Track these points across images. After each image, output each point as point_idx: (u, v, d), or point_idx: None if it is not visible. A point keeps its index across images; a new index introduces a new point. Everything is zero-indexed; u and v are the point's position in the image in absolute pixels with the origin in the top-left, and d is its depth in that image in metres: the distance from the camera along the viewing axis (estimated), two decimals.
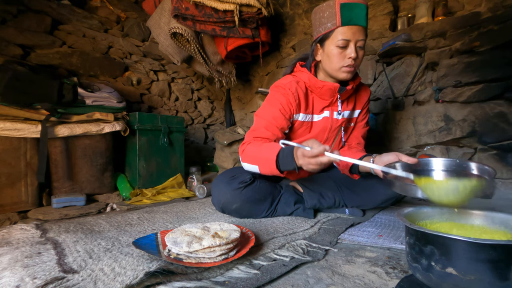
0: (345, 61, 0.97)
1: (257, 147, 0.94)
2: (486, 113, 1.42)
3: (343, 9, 0.92)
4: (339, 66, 0.98)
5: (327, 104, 1.09)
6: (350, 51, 0.95)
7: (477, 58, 1.42)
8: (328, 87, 1.03)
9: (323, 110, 1.10)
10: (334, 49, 0.97)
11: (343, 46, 0.95)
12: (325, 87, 1.03)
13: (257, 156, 0.93)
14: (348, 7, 0.92)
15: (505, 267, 0.42)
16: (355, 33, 0.94)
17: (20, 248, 0.69)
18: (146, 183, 1.64)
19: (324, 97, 1.07)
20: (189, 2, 1.67)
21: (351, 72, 0.99)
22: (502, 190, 1.43)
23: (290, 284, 0.57)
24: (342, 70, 0.99)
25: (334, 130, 1.12)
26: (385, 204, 1.11)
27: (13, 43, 1.51)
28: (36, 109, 1.26)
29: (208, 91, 2.63)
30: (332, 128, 1.12)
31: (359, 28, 0.94)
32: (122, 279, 0.53)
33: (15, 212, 1.20)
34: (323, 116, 1.10)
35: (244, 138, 1.04)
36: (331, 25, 0.95)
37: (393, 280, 0.59)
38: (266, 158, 0.89)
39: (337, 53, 0.97)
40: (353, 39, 0.94)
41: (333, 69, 1.00)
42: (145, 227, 0.95)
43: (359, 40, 0.95)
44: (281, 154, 0.86)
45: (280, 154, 0.86)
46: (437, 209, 0.68)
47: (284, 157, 0.85)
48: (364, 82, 1.90)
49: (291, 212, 1.09)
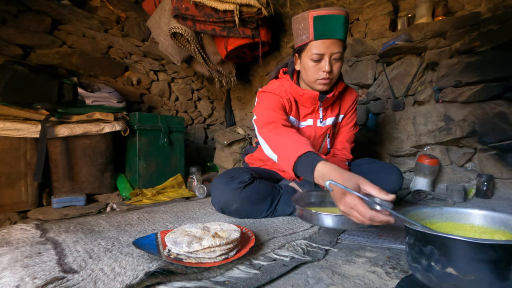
0: (319, 74, 0.97)
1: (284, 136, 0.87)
2: (486, 113, 1.42)
3: (316, 23, 0.91)
4: (315, 79, 0.99)
5: (310, 112, 1.09)
6: (324, 64, 0.95)
7: (477, 58, 1.43)
8: (308, 95, 1.03)
9: (306, 117, 1.10)
10: (309, 62, 0.97)
11: (317, 59, 0.95)
12: (305, 95, 1.03)
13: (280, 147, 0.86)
14: (321, 20, 0.90)
15: (505, 267, 0.42)
16: (328, 47, 0.93)
17: (20, 248, 0.69)
18: (146, 183, 1.64)
19: (306, 105, 1.07)
20: (189, 2, 1.67)
21: (327, 84, 0.99)
22: (502, 190, 1.43)
23: (290, 284, 0.57)
24: (317, 83, 0.99)
25: (319, 138, 1.12)
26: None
27: (13, 43, 1.51)
28: (36, 109, 1.26)
29: (208, 91, 2.64)
30: (317, 136, 1.12)
31: (333, 41, 0.93)
32: (122, 279, 0.53)
33: (15, 212, 1.20)
34: (306, 124, 1.10)
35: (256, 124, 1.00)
36: (305, 38, 0.95)
37: (393, 280, 0.59)
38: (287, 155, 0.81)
39: (311, 66, 0.97)
40: (327, 53, 0.94)
41: (309, 81, 1.01)
42: (145, 227, 0.95)
43: (333, 53, 0.94)
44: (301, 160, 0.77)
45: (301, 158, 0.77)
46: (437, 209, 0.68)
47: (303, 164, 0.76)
48: (365, 82, 1.90)
49: (291, 212, 1.09)
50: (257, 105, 1.07)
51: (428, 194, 1.39)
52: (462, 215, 0.66)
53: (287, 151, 0.81)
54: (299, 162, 0.78)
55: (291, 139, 0.84)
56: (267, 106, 1.01)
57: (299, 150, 0.78)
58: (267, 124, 0.95)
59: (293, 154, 0.78)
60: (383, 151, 1.84)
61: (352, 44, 1.96)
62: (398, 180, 1.08)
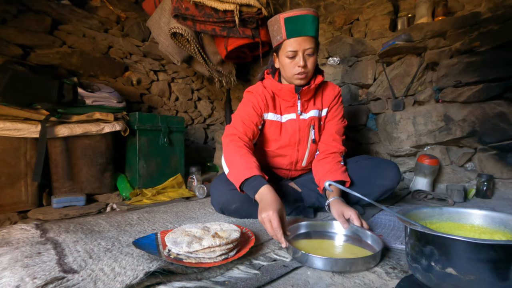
0: (295, 69, 1.05)
1: (237, 153, 0.98)
2: (486, 113, 1.42)
3: (287, 23, 1.01)
4: (292, 74, 1.07)
5: (291, 105, 1.15)
6: (298, 60, 1.03)
7: (477, 58, 1.42)
8: (286, 88, 1.11)
9: (288, 110, 1.16)
10: (285, 59, 1.06)
11: (292, 56, 1.04)
12: (283, 89, 1.11)
13: (234, 164, 0.97)
14: (291, 21, 1.00)
15: (505, 267, 0.42)
16: (301, 44, 1.02)
17: (20, 248, 0.69)
18: (146, 183, 1.64)
19: (286, 98, 1.14)
20: (189, 2, 1.66)
21: (304, 78, 1.07)
22: (502, 190, 1.43)
23: (290, 284, 0.57)
24: (295, 77, 1.07)
25: (304, 129, 1.16)
26: (383, 197, 1.11)
27: (13, 43, 1.51)
28: (36, 109, 1.26)
29: (208, 91, 2.63)
30: (302, 128, 1.16)
31: (304, 38, 1.01)
32: (122, 279, 0.53)
33: (15, 212, 1.20)
34: (289, 118, 1.16)
35: (225, 130, 1.10)
36: (280, 38, 1.05)
37: (393, 280, 0.59)
38: (238, 173, 0.92)
39: (288, 63, 1.06)
40: (300, 49, 1.02)
41: (288, 77, 1.10)
42: (145, 227, 0.95)
43: (306, 49, 1.02)
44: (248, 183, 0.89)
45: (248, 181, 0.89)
46: (437, 209, 0.68)
47: (249, 187, 0.89)
48: (364, 82, 1.90)
49: (291, 211, 1.09)
50: (241, 104, 1.17)
51: (428, 194, 1.39)
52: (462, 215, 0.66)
53: (237, 170, 0.93)
54: (245, 183, 0.90)
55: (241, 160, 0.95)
56: (241, 113, 1.11)
57: (246, 172, 0.90)
58: (230, 134, 1.06)
59: (241, 176, 0.90)
60: (383, 151, 1.84)
61: (352, 44, 1.96)
62: (395, 175, 1.09)
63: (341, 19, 2.08)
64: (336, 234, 0.86)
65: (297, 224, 0.87)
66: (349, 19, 2.05)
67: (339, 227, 0.87)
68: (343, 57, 2.02)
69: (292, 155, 1.19)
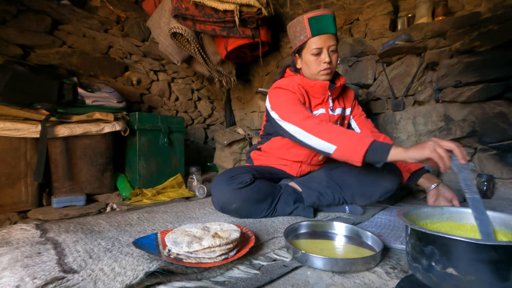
0: (321, 66, 1.10)
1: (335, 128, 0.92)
2: (486, 113, 1.42)
3: (311, 22, 1.07)
4: (317, 71, 1.12)
5: (320, 102, 1.19)
6: (324, 56, 1.09)
7: (477, 58, 1.42)
8: (320, 84, 1.14)
9: (317, 107, 1.19)
10: (310, 57, 1.11)
11: (317, 53, 1.09)
12: (316, 85, 1.14)
13: (340, 137, 0.89)
14: (315, 20, 1.07)
15: (505, 268, 0.42)
16: (325, 41, 1.08)
17: (20, 248, 0.69)
18: (146, 183, 1.64)
19: (317, 95, 1.18)
20: (189, 2, 1.66)
21: (329, 74, 1.12)
22: (502, 190, 1.43)
23: (290, 284, 0.57)
24: (320, 74, 1.12)
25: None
26: (384, 197, 1.11)
27: (13, 43, 1.51)
28: (36, 109, 1.26)
29: (208, 91, 2.63)
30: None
31: (328, 35, 1.08)
32: (122, 279, 0.53)
33: (15, 212, 1.20)
34: (319, 112, 1.19)
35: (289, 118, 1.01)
36: (304, 37, 1.10)
37: (393, 280, 0.59)
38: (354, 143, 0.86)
39: (313, 60, 1.11)
40: (324, 46, 1.08)
41: (313, 74, 1.14)
42: (145, 227, 0.95)
43: (330, 45, 1.09)
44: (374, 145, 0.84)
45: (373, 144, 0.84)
46: (438, 209, 0.68)
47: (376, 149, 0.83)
48: (365, 82, 1.90)
49: (291, 211, 1.09)
50: (277, 99, 1.10)
51: None
52: (463, 215, 0.66)
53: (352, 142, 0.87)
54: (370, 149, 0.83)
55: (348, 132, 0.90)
56: (291, 102, 1.06)
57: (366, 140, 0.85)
58: (306, 118, 0.98)
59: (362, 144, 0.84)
60: None
61: (352, 44, 1.96)
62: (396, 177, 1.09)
63: (341, 19, 2.08)
64: (336, 234, 0.86)
65: (297, 224, 0.87)
66: (349, 19, 2.05)
67: (339, 227, 0.87)
68: (343, 57, 2.02)
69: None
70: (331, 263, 0.62)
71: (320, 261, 0.63)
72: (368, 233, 0.79)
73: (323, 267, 0.62)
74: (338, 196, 1.12)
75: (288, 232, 0.82)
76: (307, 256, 0.64)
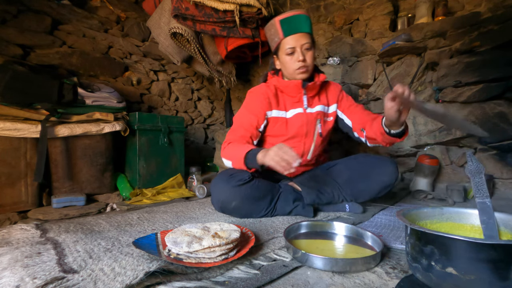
0: (296, 64, 1.12)
1: (234, 146, 1.09)
2: (486, 113, 1.42)
3: (283, 24, 1.11)
4: (293, 70, 1.14)
5: (297, 101, 1.20)
6: (297, 55, 1.11)
7: (477, 58, 1.42)
8: (293, 84, 1.17)
9: (294, 106, 1.21)
10: (286, 57, 1.14)
11: (291, 53, 1.12)
12: (290, 85, 1.17)
13: (232, 154, 1.07)
14: (286, 21, 1.10)
15: (505, 267, 0.42)
16: (298, 40, 1.10)
17: (20, 248, 0.69)
18: (146, 183, 1.64)
19: (292, 94, 1.20)
20: (189, 2, 1.66)
21: (305, 72, 1.14)
22: (502, 190, 1.43)
23: (290, 284, 0.57)
24: (296, 73, 1.14)
25: (311, 122, 1.21)
26: (382, 193, 1.11)
27: (13, 43, 1.50)
28: (36, 109, 1.26)
29: (208, 91, 2.63)
30: (309, 122, 1.20)
31: (300, 34, 1.10)
32: (122, 279, 0.53)
33: (15, 212, 1.20)
34: (296, 112, 1.20)
35: (226, 137, 1.17)
36: (278, 39, 1.14)
37: (393, 280, 0.59)
38: (238, 156, 1.03)
39: (288, 60, 1.14)
40: (297, 45, 1.10)
41: (290, 73, 1.16)
42: (145, 227, 0.95)
43: (303, 44, 1.10)
44: (248, 154, 1.00)
45: (248, 154, 1.00)
46: (437, 209, 0.68)
47: (250, 157, 0.99)
48: (365, 82, 1.90)
49: (291, 210, 1.09)
50: (242, 106, 1.23)
51: (428, 194, 1.39)
52: (463, 215, 0.66)
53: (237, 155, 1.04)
54: (246, 158, 1.00)
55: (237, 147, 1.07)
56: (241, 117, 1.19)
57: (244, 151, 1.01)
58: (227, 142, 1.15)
59: (241, 155, 1.01)
60: (383, 151, 1.84)
61: (352, 44, 1.96)
62: (393, 171, 1.09)
63: (341, 19, 2.08)
64: (336, 234, 0.86)
65: (297, 224, 0.87)
66: (349, 19, 2.05)
67: (339, 227, 0.87)
68: (343, 57, 2.02)
69: (299, 147, 1.22)
70: (331, 263, 0.62)
71: (320, 261, 0.63)
72: (368, 233, 0.79)
73: (323, 267, 0.63)
74: (338, 194, 1.12)
75: (288, 232, 0.82)
76: (307, 256, 0.64)
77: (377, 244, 0.73)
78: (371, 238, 0.77)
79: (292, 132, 1.20)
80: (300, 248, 0.67)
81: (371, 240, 0.77)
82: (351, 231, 0.84)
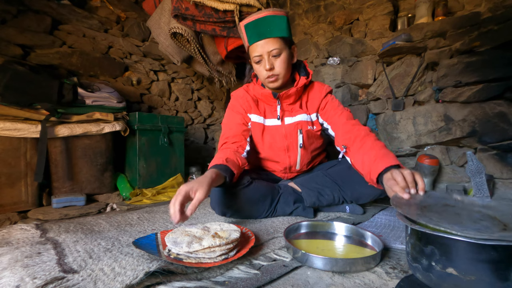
0: (264, 73, 1.03)
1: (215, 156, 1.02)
2: (486, 113, 1.42)
3: (247, 29, 1.00)
4: (263, 78, 1.05)
5: (274, 109, 1.14)
6: (264, 64, 1.01)
7: (477, 58, 1.42)
8: (265, 94, 1.10)
9: (273, 116, 1.15)
10: (255, 65, 1.05)
11: (258, 61, 1.02)
12: (263, 94, 1.11)
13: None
14: (251, 25, 0.98)
15: (505, 268, 0.42)
16: (263, 46, 0.99)
17: (20, 248, 0.69)
18: (146, 183, 1.64)
19: (269, 103, 1.14)
20: (189, 2, 1.66)
21: (275, 81, 1.04)
22: (502, 190, 1.43)
23: (290, 284, 0.57)
24: (266, 82, 1.06)
25: (292, 135, 1.13)
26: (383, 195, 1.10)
27: (13, 43, 1.51)
28: (36, 109, 1.26)
29: (208, 91, 2.63)
30: (288, 135, 1.13)
31: (266, 40, 0.98)
32: (122, 279, 0.53)
33: (15, 212, 1.20)
34: (273, 124, 1.14)
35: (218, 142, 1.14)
36: (246, 46, 1.05)
37: (393, 280, 0.59)
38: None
39: (257, 68, 1.05)
40: (263, 52, 0.99)
41: (263, 81, 1.09)
42: (145, 227, 0.95)
43: (270, 51, 0.99)
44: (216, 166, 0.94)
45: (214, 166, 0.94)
46: None
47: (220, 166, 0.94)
48: (364, 82, 1.90)
49: (291, 211, 1.09)
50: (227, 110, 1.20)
51: None
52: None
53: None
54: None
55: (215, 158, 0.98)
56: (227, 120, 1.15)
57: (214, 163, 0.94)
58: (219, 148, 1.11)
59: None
60: None
61: (352, 44, 1.96)
62: None
63: (341, 19, 2.08)
64: (337, 234, 0.86)
65: (297, 224, 0.87)
66: (349, 19, 2.05)
67: (339, 227, 0.87)
68: (343, 57, 2.02)
69: (284, 161, 1.18)
70: (331, 263, 0.62)
71: (320, 261, 0.63)
72: (368, 233, 0.79)
73: (323, 267, 0.62)
74: (338, 196, 1.12)
75: (288, 232, 0.82)
76: (307, 256, 0.64)
77: (377, 244, 0.73)
78: (371, 238, 0.77)
79: (270, 144, 1.14)
80: (300, 248, 0.67)
81: (371, 240, 0.77)
82: (351, 231, 0.84)
